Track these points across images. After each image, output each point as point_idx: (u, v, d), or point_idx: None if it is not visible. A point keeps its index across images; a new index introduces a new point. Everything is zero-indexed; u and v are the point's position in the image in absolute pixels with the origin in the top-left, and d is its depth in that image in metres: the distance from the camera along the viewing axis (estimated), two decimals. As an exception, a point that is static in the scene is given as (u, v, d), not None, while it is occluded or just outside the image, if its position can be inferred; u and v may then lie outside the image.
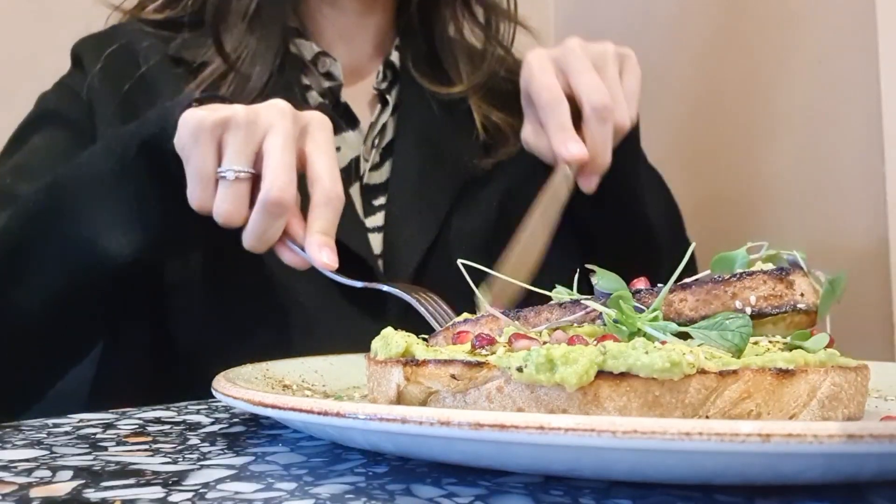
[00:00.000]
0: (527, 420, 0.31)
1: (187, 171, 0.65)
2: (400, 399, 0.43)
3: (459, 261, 0.53)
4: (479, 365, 0.40)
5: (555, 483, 0.36)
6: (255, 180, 0.64)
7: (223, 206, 0.64)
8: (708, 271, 0.48)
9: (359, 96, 0.94)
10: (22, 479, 0.36)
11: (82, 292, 0.70)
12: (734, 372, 0.38)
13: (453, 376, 0.40)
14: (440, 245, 0.87)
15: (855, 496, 0.34)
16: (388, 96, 0.94)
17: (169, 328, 0.80)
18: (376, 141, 0.91)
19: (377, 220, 0.88)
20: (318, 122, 0.67)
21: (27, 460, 0.40)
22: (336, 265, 0.64)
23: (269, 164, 0.62)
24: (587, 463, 0.34)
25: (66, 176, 0.71)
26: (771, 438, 0.29)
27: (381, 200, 0.89)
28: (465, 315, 0.54)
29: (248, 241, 0.65)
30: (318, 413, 0.36)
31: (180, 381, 0.72)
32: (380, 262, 0.86)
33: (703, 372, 0.37)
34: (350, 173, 0.89)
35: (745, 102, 1.19)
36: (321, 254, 0.63)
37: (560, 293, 0.52)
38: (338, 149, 0.87)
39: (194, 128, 0.63)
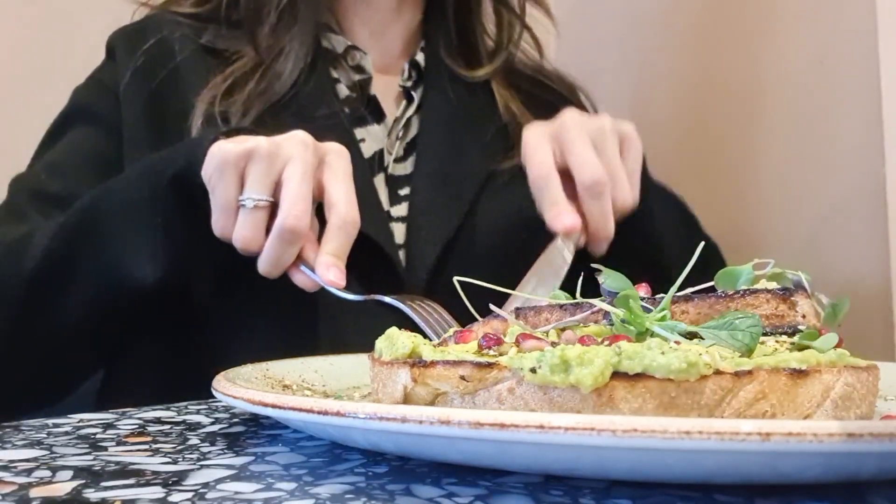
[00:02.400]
0: (526, 419, 0.31)
1: (212, 200, 0.68)
2: (406, 400, 0.42)
3: (455, 278, 0.53)
4: (490, 366, 0.40)
5: (555, 483, 0.36)
6: (274, 209, 0.67)
7: (242, 232, 0.67)
8: (712, 283, 0.48)
9: (386, 92, 0.95)
10: (22, 479, 0.36)
11: (113, 310, 0.74)
12: (749, 372, 0.37)
13: (463, 377, 0.40)
14: (463, 236, 0.88)
15: (855, 496, 0.34)
16: (413, 93, 0.95)
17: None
18: (400, 134, 0.93)
19: (401, 209, 0.90)
20: (337, 151, 0.70)
21: (27, 460, 0.40)
22: (343, 284, 0.66)
23: (286, 194, 0.66)
24: (587, 462, 0.34)
25: (102, 200, 0.74)
26: (771, 437, 0.29)
27: (406, 191, 0.91)
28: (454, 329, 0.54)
29: (263, 266, 0.68)
30: (318, 412, 0.36)
31: (187, 380, 0.72)
32: (402, 252, 0.87)
33: (718, 373, 0.37)
34: (374, 164, 0.90)
35: (745, 102, 1.19)
36: (329, 272, 0.66)
37: (558, 296, 0.52)
38: (362, 140, 0.90)
39: (220, 160, 0.67)
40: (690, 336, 0.42)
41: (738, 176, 1.20)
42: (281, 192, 0.66)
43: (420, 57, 0.98)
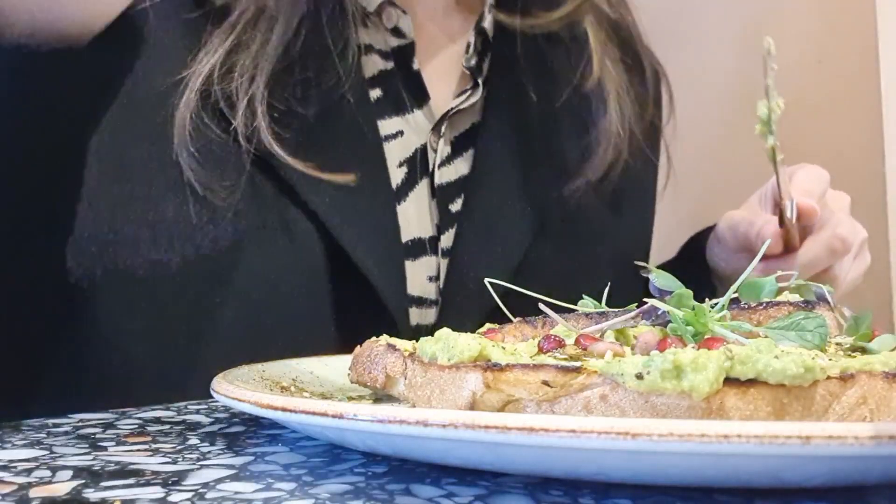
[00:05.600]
0: (558, 423, 0.30)
1: None
2: (474, 408, 0.39)
3: (486, 280, 0.49)
4: (577, 370, 0.37)
5: (554, 483, 0.36)
6: None
7: None
8: (735, 295, 0.47)
9: (432, 61, 0.74)
10: (22, 479, 0.36)
11: None
12: (851, 376, 0.36)
13: (546, 383, 0.37)
14: (525, 268, 0.72)
15: (855, 496, 0.34)
16: (479, 78, 0.74)
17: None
18: (444, 128, 0.72)
19: (450, 237, 0.70)
20: None
21: (27, 460, 0.40)
22: None
23: None
24: (586, 470, 0.33)
25: None
26: (811, 440, 0.28)
27: (457, 206, 0.71)
28: (488, 325, 0.53)
29: None
30: (319, 414, 0.36)
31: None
32: (436, 290, 0.70)
33: (826, 378, 0.35)
34: (416, 167, 0.71)
35: (744, 102, 1.19)
36: None
37: (586, 304, 0.51)
38: (400, 133, 0.71)
39: None
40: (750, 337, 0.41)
41: (736, 175, 1.19)
42: None
43: (488, 22, 0.74)
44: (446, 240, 0.70)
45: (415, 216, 0.70)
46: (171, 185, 0.62)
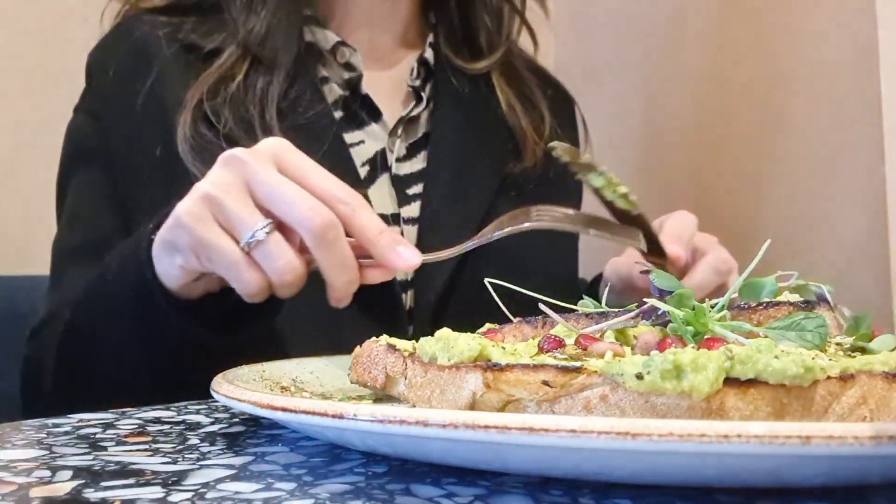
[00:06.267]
0: (558, 423, 0.30)
1: (217, 269, 0.58)
2: (474, 408, 0.39)
3: (487, 280, 0.54)
4: (577, 370, 0.37)
5: (555, 483, 0.36)
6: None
7: (278, 263, 0.57)
8: (735, 295, 0.47)
9: (381, 86, 0.92)
10: (22, 479, 0.36)
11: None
12: (851, 376, 0.36)
13: (546, 383, 0.37)
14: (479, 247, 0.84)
15: (855, 496, 0.34)
16: (422, 93, 0.93)
17: None
18: (400, 131, 0.90)
19: (412, 210, 0.87)
20: (279, 146, 0.60)
21: (27, 460, 0.40)
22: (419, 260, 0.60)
23: (284, 200, 0.56)
24: (588, 468, 0.33)
25: (100, 296, 0.69)
26: (811, 440, 0.28)
27: (415, 189, 0.88)
28: (488, 325, 0.53)
29: (337, 285, 0.58)
30: (318, 414, 0.36)
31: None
32: None
33: (826, 377, 0.35)
34: (376, 165, 0.88)
35: (745, 102, 1.19)
36: (405, 251, 0.59)
37: (587, 304, 0.52)
38: (362, 142, 0.88)
39: (189, 233, 0.58)
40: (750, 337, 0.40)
41: (736, 175, 1.20)
42: (272, 208, 0.57)
43: (429, 54, 0.95)
44: (407, 212, 0.87)
45: (377, 199, 0.86)
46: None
